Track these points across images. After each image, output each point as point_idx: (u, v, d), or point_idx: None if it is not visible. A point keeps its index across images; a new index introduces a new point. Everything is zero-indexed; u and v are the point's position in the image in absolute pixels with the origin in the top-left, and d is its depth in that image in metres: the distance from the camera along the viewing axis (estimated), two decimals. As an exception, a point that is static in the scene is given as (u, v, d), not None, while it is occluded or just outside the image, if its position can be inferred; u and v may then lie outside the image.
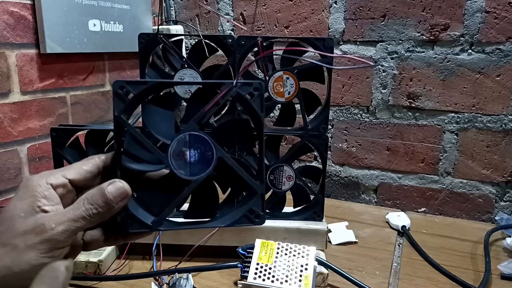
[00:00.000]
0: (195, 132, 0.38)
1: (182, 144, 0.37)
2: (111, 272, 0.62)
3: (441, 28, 0.83)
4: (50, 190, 0.35)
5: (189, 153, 0.38)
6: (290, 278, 0.53)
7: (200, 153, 0.38)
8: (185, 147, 0.38)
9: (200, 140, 0.38)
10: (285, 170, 0.66)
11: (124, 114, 0.37)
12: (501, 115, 0.82)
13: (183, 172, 0.38)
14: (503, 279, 0.63)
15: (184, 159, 0.38)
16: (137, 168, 0.37)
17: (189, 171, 0.38)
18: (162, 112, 0.39)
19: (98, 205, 0.34)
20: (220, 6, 1.02)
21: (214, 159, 0.38)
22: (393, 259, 0.69)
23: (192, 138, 0.38)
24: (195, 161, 0.38)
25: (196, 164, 0.38)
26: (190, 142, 0.38)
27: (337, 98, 0.95)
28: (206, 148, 0.38)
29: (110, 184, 0.35)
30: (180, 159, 0.37)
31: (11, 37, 0.71)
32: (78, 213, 0.34)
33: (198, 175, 0.38)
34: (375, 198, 0.96)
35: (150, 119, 0.38)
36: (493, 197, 0.85)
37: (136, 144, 0.37)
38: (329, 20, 0.92)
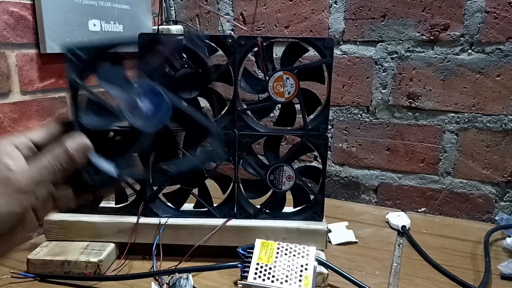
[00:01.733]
0: (148, 86, 0.40)
1: (136, 96, 0.39)
2: (111, 272, 0.62)
3: (441, 28, 0.83)
4: (14, 150, 0.37)
5: (142, 104, 0.39)
6: (290, 278, 0.53)
7: (154, 105, 0.40)
8: (139, 100, 0.39)
9: (153, 93, 0.40)
10: (285, 170, 0.66)
11: (76, 76, 0.39)
12: (501, 115, 0.82)
13: (139, 123, 0.40)
14: (503, 279, 0.63)
15: (140, 112, 0.39)
16: (94, 123, 0.39)
17: (145, 122, 0.40)
18: (115, 71, 0.41)
19: (62, 159, 0.37)
20: (220, 6, 1.02)
21: (168, 109, 0.40)
22: (393, 259, 0.70)
23: (145, 90, 0.40)
24: (150, 113, 0.40)
25: (152, 115, 0.40)
26: (144, 95, 0.39)
27: (337, 98, 0.95)
28: (160, 100, 0.40)
29: (71, 140, 0.38)
30: (136, 112, 0.39)
31: (11, 37, 0.71)
32: (41, 166, 0.36)
33: (154, 125, 0.40)
34: (375, 198, 0.96)
35: (103, 79, 0.40)
36: (493, 197, 0.85)
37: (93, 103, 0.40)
38: (329, 20, 0.92)
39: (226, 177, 0.68)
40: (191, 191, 0.68)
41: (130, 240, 0.65)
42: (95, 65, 0.41)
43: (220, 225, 0.65)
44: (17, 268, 0.63)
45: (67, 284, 0.60)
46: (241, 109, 0.65)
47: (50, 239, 0.67)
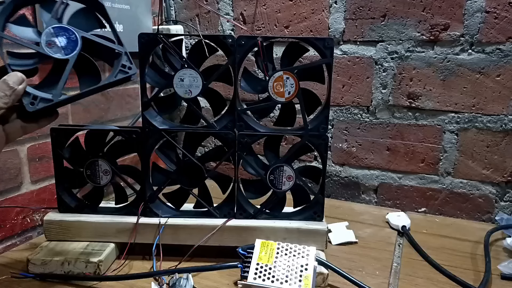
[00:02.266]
0: (56, 25, 0.51)
1: (50, 35, 0.51)
2: (111, 272, 0.62)
3: (441, 28, 0.83)
4: None
5: (57, 40, 0.51)
6: (290, 278, 0.53)
7: (66, 38, 0.52)
8: (53, 37, 0.51)
9: (63, 29, 0.52)
10: (285, 170, 0.66)
11: None
12: (501, 115, 0.82)
13: (59, 55, 0.51)
14: (503, 279, 0.63)
15: (57, 46, 0.51)
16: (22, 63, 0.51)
17: (64, 52, 0.51)
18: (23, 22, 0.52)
19: (3, 89, 0.47)
20: (220, 6, 1.02)
21: (78, 39, 0.52)
22: (393, 259, 0.69)
23: (55, 29, 0.51)
24: (65, 45, 0.52)
25: (67, 46, 0.52)
26: (55, 33, 0.51)
27: (337, 98, 0.95)
28: (69, 33, 0.52)
29: (8, 75, 0.48)
30: (53, 47, 0.51)
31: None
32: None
33: (71, 53, 0.51)
34: (375, 198, 0.96)
35: (17, 30, 0.51)
36: (493, 197, 0.85)
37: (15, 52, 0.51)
38: (329, 20, 0.92)
39: (226, 177, 0.68)
40: (191, 191, 0.68)
41: (130, 240, 0.65)
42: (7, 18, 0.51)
43: (220, 225, 0.65)
44: (17, 268, 0.63)
45: (67, 284, 0.60)
46: (241, 109, 0.65)
47: (50, 239, 0.67)
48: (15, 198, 0.74)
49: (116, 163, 0.68)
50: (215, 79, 0.63)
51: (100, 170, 0.67)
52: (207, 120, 0.66)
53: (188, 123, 0.67)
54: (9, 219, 0.74)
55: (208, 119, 0.66)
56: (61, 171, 0.67)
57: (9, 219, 0.74)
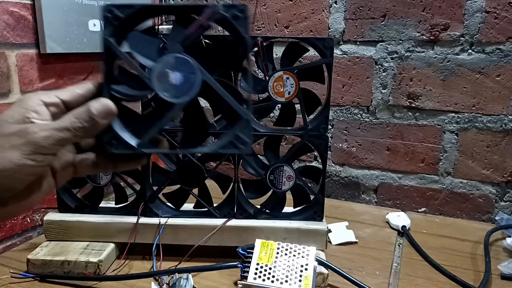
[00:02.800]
0: (179, 54, 0.38)
1: (166, 66, 0.38)
2: (111, 272, 0.62)
3: (441, 28, 0.83)
4: (42, 106, 0.36)
5: (173, 75, 0.38)
6: (290, 278, 0.53)
7: (184, 76, 0.38)
8: (169, 69, 0.38)
9: (184, 62, 0.38)
10: (285, 170, 0.66)
11: (112, 38, 0.37)
12: (501, 115, 0.82)
13: (167, 94, 0.38)
14: (503, 279, 0.63)
15: (168, 82, 0.38)
16: (123, 91, 0.38)
17: (174, 93, 0.38)
18: (147, 38, 0.39)
19: (82, 119, 0.36)
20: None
21: (198, 82, 0.38)
22: (393, 259, 0.69)
23: (176, 60, 0.38)
24: (179, 84, 0.38)
25: (181, 87, 0.38)
26: (174, 64, 0.38)
27: (337, 98, 0.95)
28: (190, 71, 0.38)
29: (96, 101, 0.37)
30: (164, 82, 0.38)
31: (11, 37, 0.71)
32: (62, 124, 0.35)
33: (182, 98, 0.38)
34: (375, 198, 0.96)
35: (135, 45, 0.39)
36: (493, 197, 0.85)
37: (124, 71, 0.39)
38: (329, 20, 0.92)
39: (226, 177, 0.68)
40: (191, 191, 0.68)
41: (130, 240, 0.65)
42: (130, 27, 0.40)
43: (220, 225, 0.65)
44: (17, 268, 0.63)
45: (67, 284, 0.60)
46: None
47: (50, 239, 0.67)
48: (15, 198, 0.74)
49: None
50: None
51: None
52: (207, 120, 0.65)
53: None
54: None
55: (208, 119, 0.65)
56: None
57: (9, 219, 0.74)
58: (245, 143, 0.40)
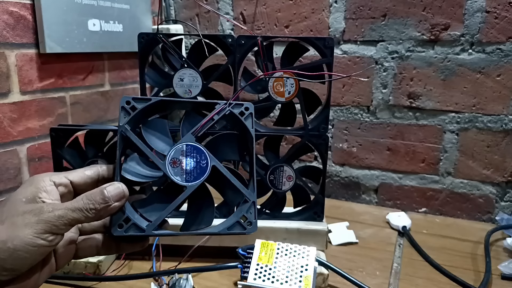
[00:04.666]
0: (192, 143, 0.42)
1: (179, 153, 0.42)
2: (110, 273, 0.62)
3: (441, 28, 0.83)
4: (52, 186, 0.38)
5: (185, 161, 0.42)
6: (290, 279, 0.53)
7: (195, 162, 0.42)
8: (181, 156, 0.42)
9: (195, 150, 0.42)
10: (285, 170, 0.66)
11: (128, 126, 0.40)
12: (501, 115, 0.82)
13: (179, 178, 0.42)
14: (504, 279, 0.63)
15: (181, 167, 0.42)
16: (134, 179, 0.41)
17: (185, 178, 0.42)
18: (161, 126, 0.43)
19: (96, 201, 0.37)
20: (220, 5, 1.02)
21: (208, 167, 0.42)
22: (394, 259, 0.69)
23: (188, 147, 0.42)
24: (190, 169, 0.42)
25: (192, 172, 0.42)
26: (186, 152, 0.42)
27: (338, 98, 0.94)
28: (201, 158, 0.42)
29: (110, 185, 0.39)
30: (176, 167, 0.42)
31: (11, 37, 0.71)
32: (76, 205, 0.36)
33: (193, 182, 0.42)
34: (376, 198, 0.96)
35: (149, 133, 0.42)
36: (493, 197, 0.85)
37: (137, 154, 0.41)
38: (329, 20, 0.92)
39: (226, 177, 0.68)
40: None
41: (130, 241, 0.65)
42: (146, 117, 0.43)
43: (220, 225, 0.65)
44: (16, 268, 0.63)
45: (67, 284, 0.60)
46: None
47: (50, 239, 0.67)
48: (14, 198, 0.74)
49: None
50: (215, 78, 0.63)
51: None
52: (207, 120, 0.65)
53: None
54: None
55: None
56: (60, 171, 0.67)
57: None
58: (251, 223, 0.44)
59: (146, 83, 0.64)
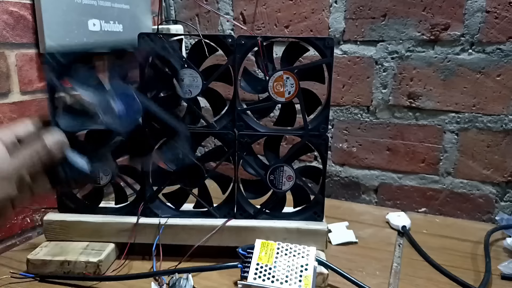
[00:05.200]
0: (120, 89, 0.44)
1: (109, 99, 0.43)
2: (111, 272, 0.62)
3: (441, 28, 0.83)
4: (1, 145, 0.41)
5: (116, 106, 0.43)
6: (290, 279, 0.53)
7: (126, 106, 0.44)
8: (112, 102, 0.43)
9: (125, 94, 0.44)
10: (285, 170, 0.66)
11: (54, 78, 0.45)
12: (501, 115, 0.82)
13: (112, 123, 0.44)
14: (503, 279, 0.63)
15: (113, 113, 0.43)
16: (70, 125, 0.44)
17: (118, 123, 0.44)
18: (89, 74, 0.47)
19: (39, 152, 0.41)
20: (220, 5, 1.02)
21: (139, 110, 0.45)
22: (394, 259, 0.69)
23: (118, 93, 0.44)
24: (122, 113, 0.44)
25: (123, 116, 0.44)
26: (116, 97, 0.44)
27: (337, 98, 0.94)
28: (131, 102, 0.44)
29: (50, 135, 0.42)
30: (109, 113, 0.43)
31: (11, 37, 0.71)
32: (22, 158, 0.41)
33: (126, 125, 0.44)
34: (376, 198, 0.96)
35: (78, 82, 0.45)
36: (493, 197, 0.85)
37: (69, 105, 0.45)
38: (329, 20, 0.92)
39: (226, 177, 0.68)
40: (191, 191, 0.68)
41: (130, 240, 0.65)
42: (71, 69, 0.46)
43: (220, 225, 0.65)
44: (17, 268, 0.63)
45: (67, 284, 0.60)
46: (241, 109, 0.65)
47: (50, 239, 0.67)
48: (15, 198, 0.74)
49: (116, 163, 0.68)
50: (215, 79, 0.63)
51: (100, 170, 0.66)
52: (207, 120, 0.65)
53: (188, 123, 0.67)
54: (9, 219, 0.74)
55: (208, 119, 0.66)
56: (61, 171, 0.67)
57: (9, 219, 0.74)
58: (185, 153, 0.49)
59: (146, 83, 0.64)
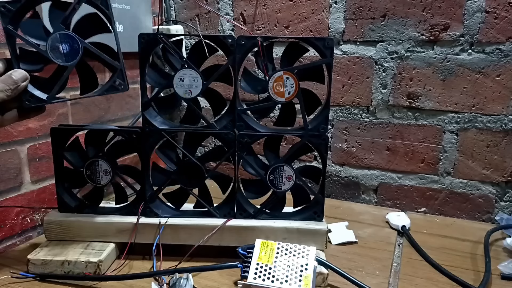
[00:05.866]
0: (63, 31, 0.55)
1: (55, 41, 0.55)
2: (111, 272, 0.62)
3: (441, 28, 0.83)
4: None
5: (61, 46, 0.56)
6: (290, 278, 0.53)
7: (70, 46, 0.56)
8: (57, 42, 0.55)
9: (68, 37, 0.56)
10: (285, 170, 0.66)
11: (10, 26, 0.54)
12: (501, 115, 0.82)
13: (60, 60, 0.56)
14: (503, 279, 0.63)
15: (59, 52, 0.56)
16: (28, 68, 0.56)
17: (64, 59, 0.56)
18: (35, 23, 0.56)
19: (9, 83, 0.53)
20: (220, 6, 1.02)
21: (80, 48, 0.56)
22: (393, 259, 0.70)
23: (61, 35, 0.55)
24: (67, 52, 0.56)
25: (68, 54, 0.56)
26: (60, 39, 0.55)
27: (337, 98, 0.95)
28: (73, 42, 0.56)
29: (15, 71, 0.54)
30: (56, 52, 0.56)
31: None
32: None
33: (71, 61, 0.56)
34: (375, 198, 0.96)
35: (28, 30, 0.55)
36: (493, 197, 0.85)
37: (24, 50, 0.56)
38: (329, 20, 0.92)
39: (226, 177, 0.68)
40: (191, 191, 0.68)
41: (130, 240, 0.65)
42: (22, 16, 0.56)
43: (220, 225, 0.65)
44: (17, 268, 0.63)
45: (67, 284, 0.60)
46: (241, 109, 0.65)
47: (50, 239, 0.67)
48: (15, 198, 0.74)
49: (116, 163, 0.68)
50: (215, 79, 0.64)
51: (100, 170, 0.67)
52: (207, 120, 0.66)
53: (188, 123, 0.67)
54: (9, 219, 0.74)
55: (208, 119, 0.66)
56: (61, 171, 0.67)
57: (9, 219, 0.74)
58: (122, 85, 0.58)
59: (147, 83, 0.65)
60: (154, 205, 0.68)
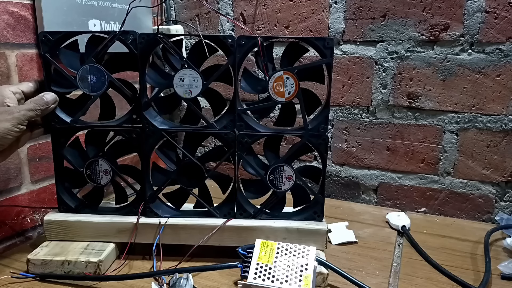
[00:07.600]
0: (92, 64, 0.62)
1: (85, 71, 0.63)
2: (111, 272, 0.62)
3: (441, 28, 0.83)
4: (12, 95, 0.59)
5: (89, 77, 0.63)
6: (290, 278, 0.53)
7: (97, 78, 0.63)
8: (87, 73, 0.63)
9: (96, 69, 0.63)
10: (285, 170, 0.66)
11: (48, 54, 0.62)
12: (501, 115, 0.82)
13: (86, 90, 0.63)
14: (503, 279, 0.63)
15: (87, 82, 0.63)
16: (58, 90, 0.63)
17: (91, 89, 0.63)
18: (72, 54, 0.64)
19: (40, 104, 0.60)
20: (220, 6, 1.02)
21: (106, 81, 0.63)
22: (393, 259, 0.70)
23: (91, 68, 0.63)
24: (94, 83, 0.63)
25: (95, 84, 0.63)
26: (90, 71, 0.63)
27: (337, 98, 0.95)
28: (101, 75, 0.63)
29: (47, 93, 0.62)
30: (85, 82, 0.63)
31: (11, 37, 0.71)
32: (30, 107, 0.59)
33: (97, 92, 0.63)
34: (375, 198, 0.96)
35: (64, 58, 0.63)
36: (493, 197, 0.85)
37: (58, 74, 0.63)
38: (329, 20, 0.92)
39: (226, 177, 0.68)
40: (191, 191, 0.68)
41: (130, 240, 0.65)
42: (59, 45, 0.63)
43: (220, 225, 0.65)
44: (17, 268, 0.63)
45: (67, 284, 0.60)
46: (241, 109, 0.65)
47: (50, 239, 0.67)
48: (15, 198, 0.74)
49: (116, 163, 0.68)
50: (215, 79, 0.64)
51: (100, 170, 0.67)
52: (207, 120, 0.66)
53: (188, 123, 0.67)
54: (9, 219, 0.74)
55: (208, 119, 0.66)
56: (61, 171, 0.67)
57: (9, 219, 0.74)
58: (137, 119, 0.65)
59: (147, 83, 0.65)
60: (154, 205, 0.68)
